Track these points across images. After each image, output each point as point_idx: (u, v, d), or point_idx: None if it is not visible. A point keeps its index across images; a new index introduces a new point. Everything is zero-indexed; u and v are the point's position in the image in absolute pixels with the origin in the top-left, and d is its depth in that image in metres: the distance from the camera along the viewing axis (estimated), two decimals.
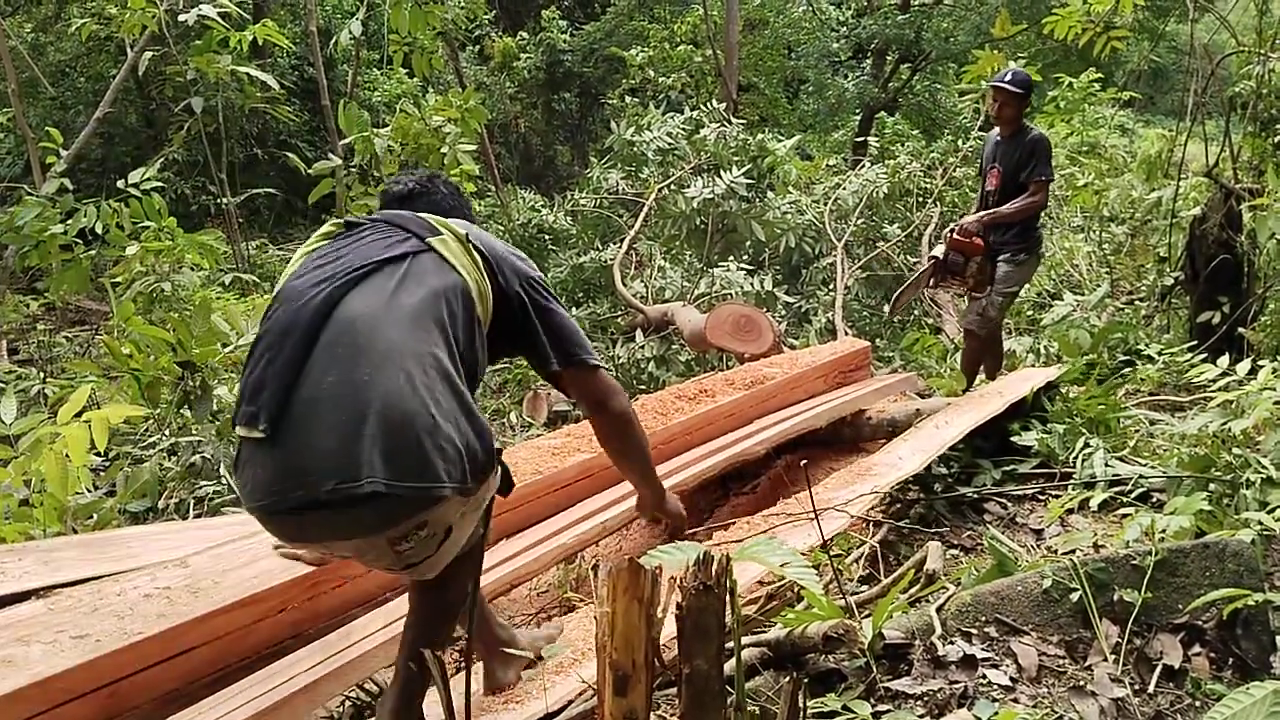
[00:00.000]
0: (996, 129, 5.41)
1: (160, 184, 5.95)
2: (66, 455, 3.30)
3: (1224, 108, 6.10)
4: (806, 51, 17.92)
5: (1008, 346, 6.10)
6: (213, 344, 4.57)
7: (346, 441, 1.82)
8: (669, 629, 1.60)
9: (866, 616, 2.33)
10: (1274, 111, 5.35)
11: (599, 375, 2.41)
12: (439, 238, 2.15)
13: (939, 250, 5.34)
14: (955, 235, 5.22)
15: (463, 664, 2.80)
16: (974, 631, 2.33)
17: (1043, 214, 5.36)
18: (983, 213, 5.31)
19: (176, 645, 2.29)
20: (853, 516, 3.33)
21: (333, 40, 12.38)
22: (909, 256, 8.51)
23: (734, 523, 3.46)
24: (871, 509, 3.58)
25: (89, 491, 4.10)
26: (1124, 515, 3.28)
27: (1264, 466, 3.11)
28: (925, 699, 2.10)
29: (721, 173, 7.82)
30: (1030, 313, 7.63)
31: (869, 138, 13.19)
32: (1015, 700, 2.12)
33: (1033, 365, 5.60)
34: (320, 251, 2.15)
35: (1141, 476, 3.50)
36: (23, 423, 3.51)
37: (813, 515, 2.86)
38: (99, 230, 5.52)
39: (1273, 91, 5.32)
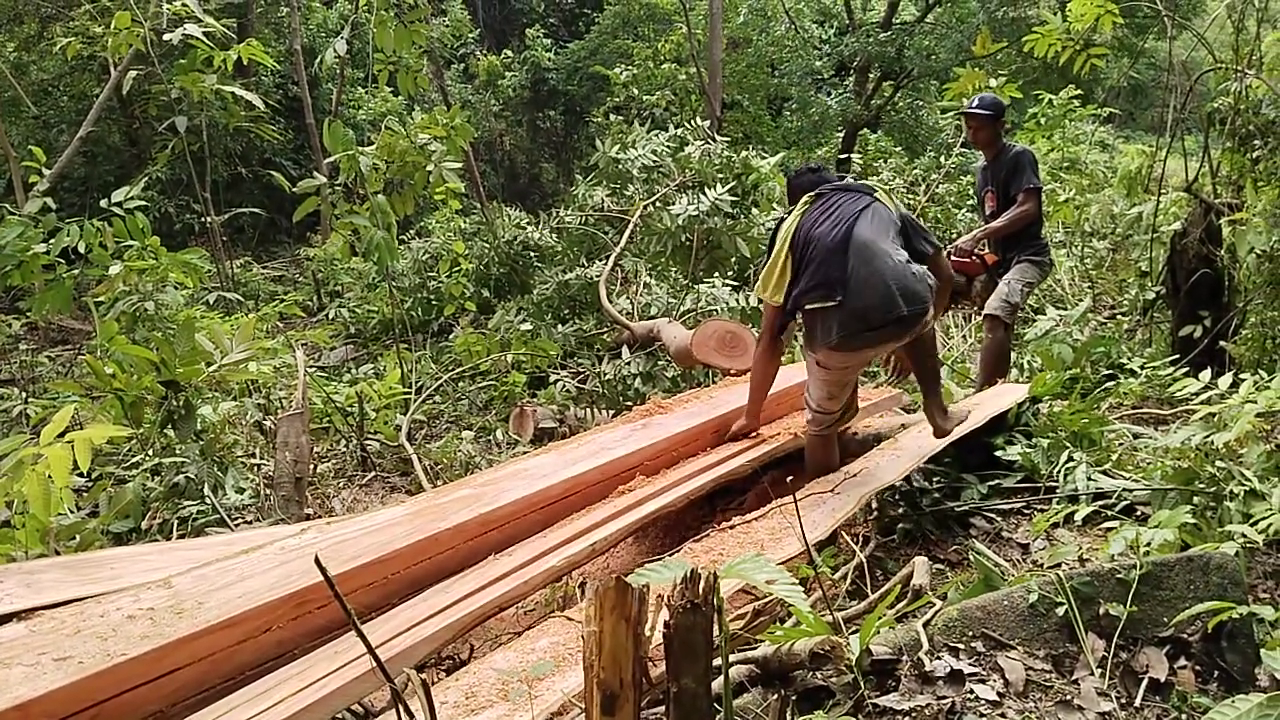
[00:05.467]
0: (983, 157, 5.58)
1: (144, 203, 5.91)
2: (49, 476, 3.28)
3: (1203, 123, 6.15)
4: (789, 69, 18.03)
5: None
6: (196, 363, 4.54)
7: (885, 297, 3.45)
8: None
9: (854, 632, 2.33)
10: (1251, 127, 5.39)
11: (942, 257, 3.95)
12: (878, 195, 3.76)
13: None
14: (954, 257, 5.33)
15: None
16: (961, 646, 2.33)
17: (1043, 226, 5.46)
18: (976, 230, 5.47)
19: (160, 666, 2.27)
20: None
21: (317, 59, 12.36)
22: None
23: (734, 524, 3.45)
24: (858, 524, 3.59)
25: (72, 512, 4.07)
26: (1108, 529, 3.30)
27: (1247, 479, 3.13)
28: (913, 715, 2.10)
29: (706, 190, 7.84)
30: (1014, 327, 7.67)
31: (852, 154, 13.27)
32: (1002, 715, 2.13)
33: (1015, 380, 5.62)
34: (815, 212, 3.68)
35: (1125, 490, 3.52)
36: (5, 443, 3.48)
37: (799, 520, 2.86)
38: (82, 249, 5.48)
39: (1250, 107, 5.37)
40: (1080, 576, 2.44)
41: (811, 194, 3.80)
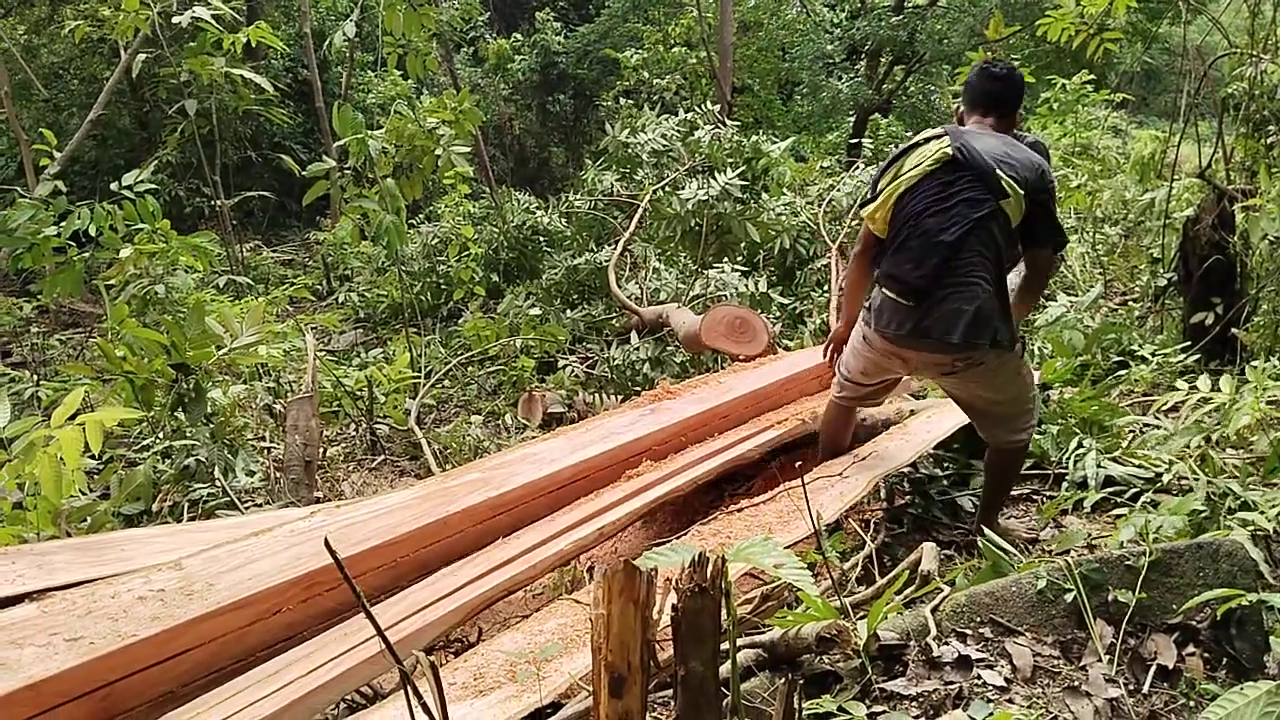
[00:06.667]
0: None
1: (154, 186, 5.93)
2: (60, 458, 3.30)
3: (1216, 109, 6.10)
4: (800, 53, 17.92)
5: None
6: (206, 347, 4.55)
7: (950, 323, 3.17)
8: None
9: (861, 617, 2.33)
10: (1266, 113, 5.35)
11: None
12: (1006, 200, 3.17)
13: None
14: None
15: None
16: (969, 632, 2.33)
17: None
18: None
19: (170, 648, 2.29)
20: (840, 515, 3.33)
21: (326, 42, 12.34)
22: None
23: (742, 508, 3.46)
24: (868, 509, 3.58)
25: (83, 494, 4.09)
26: (1118, 515, 3.29)
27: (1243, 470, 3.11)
28: (920, 700, 2.10)
29: (716, 174, 7.81)
30: None
31: (863, 139, 13.20)
32: (1010, 701, 2.13)
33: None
34: (935, 187, 3.25)
35: (1134, 477, 3.51)
36: (16, 426, 3.50)
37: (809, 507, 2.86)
38: (93, 233, 5.50)
39: (1265, 93, 5.32)
40: (1089, 563, 2.44)
41: (956, 148, 3.25)
